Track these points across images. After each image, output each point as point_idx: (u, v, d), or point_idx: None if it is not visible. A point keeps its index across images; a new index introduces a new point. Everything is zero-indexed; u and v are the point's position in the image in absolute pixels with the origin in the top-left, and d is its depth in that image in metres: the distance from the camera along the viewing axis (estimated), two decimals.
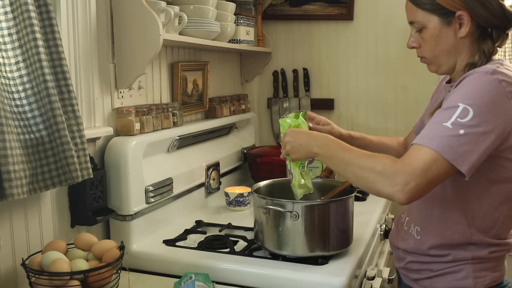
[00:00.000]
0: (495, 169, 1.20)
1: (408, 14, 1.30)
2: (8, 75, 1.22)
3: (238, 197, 2.00)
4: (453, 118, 1.10)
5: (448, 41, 1.24)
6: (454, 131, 1.09)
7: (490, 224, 1.23)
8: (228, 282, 1.44)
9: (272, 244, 1.49)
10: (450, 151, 1.09)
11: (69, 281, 1.20)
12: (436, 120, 1.14)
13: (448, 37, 1.24)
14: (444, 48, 1.26)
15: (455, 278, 1.26)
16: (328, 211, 1.47)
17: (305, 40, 2.67)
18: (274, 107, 2.73)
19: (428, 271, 1.30)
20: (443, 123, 1.11)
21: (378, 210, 2.01)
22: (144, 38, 1.57)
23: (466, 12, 1.20)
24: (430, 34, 1.26)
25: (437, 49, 1.26)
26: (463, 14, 1.20)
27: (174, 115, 1.84)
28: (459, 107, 1.11)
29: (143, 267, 1.54)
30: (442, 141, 1.09)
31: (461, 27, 1.22)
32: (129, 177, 1.57)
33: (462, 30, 1.22)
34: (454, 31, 1.23)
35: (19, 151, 1.16)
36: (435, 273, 1.29)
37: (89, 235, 1.37)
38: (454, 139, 1.09)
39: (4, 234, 1.27)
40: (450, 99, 1.15)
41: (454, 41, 1.24)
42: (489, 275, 1.24)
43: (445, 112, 1.13)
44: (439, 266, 1.28)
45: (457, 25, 1.22)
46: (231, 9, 2.11)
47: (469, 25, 1.21)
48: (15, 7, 1.21)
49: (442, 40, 1.25)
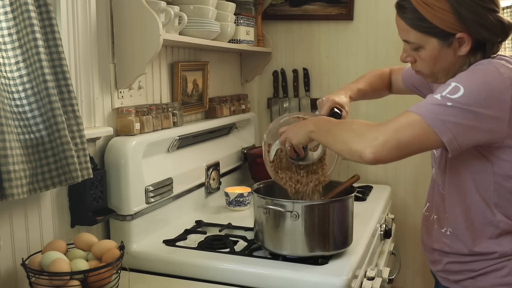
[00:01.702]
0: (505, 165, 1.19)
1: (400, 32, 1.26)
2: (8, 75, 1.22)
3: (238, 197, 2.00)
4: (444, 92, 1.12)
5: (448, 60, 1.23)
6: (442, 101, 1.11)
7: None
8: (228, 282, 1.44)
9: (272, 244, 1.49)
10: (433, 117, 1.10)
11: (69, 281, 1.20)
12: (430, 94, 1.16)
13: (447, 56, 1.22)
14: (443, 67, 1.24)
15: (498, 275, 1.25)
16: (328, 211, 1.47)
17: (305, 40, 2.67)
18: (274, 107, 2.73)
19: (469, 271, 1.29)
20: (434, 95, 1.13)
21: (378, 210, 2.01)
22: (144, 38, 1.57)
23: (467, 34, 1.18)
24: (428, 55, 1.23)
25: (436, 67, 1.25)
26: (463, 36, 1.18)
27: (174, 115, 1.84)
28: (451, 85, 1.13)
29: (143, 267, 1.54)
30: (427, 108, 1.11)
31: (461, 46, 1.20)
32: (129, 177, 1.57)
33: (463, 50, 1.20)
34: (454, 50, 1.21)
35: (19, 151, 1.16)
36: (477, 272, 1.28)
37: (89, 235, 1.37)
38: (440, 108, 1.10)
39: (4, 234, 1.27)
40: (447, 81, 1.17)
41: (453, 59, 1.22)
42: None
43: (439, 88, 1.15)
44: (480, 265, 1.27)
45: (456, 44, 1.20)
46: (231, 9, 2.11)
47: (469, 45, 1.19)
48: (15, 7, 1.21)
49: (441, 59, 1.23)
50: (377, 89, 1.68)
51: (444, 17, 1.17)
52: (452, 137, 1.10)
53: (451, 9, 1.16)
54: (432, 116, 1.10)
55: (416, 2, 1.19)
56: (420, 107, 1.13)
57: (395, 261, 1.95)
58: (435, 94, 1.13)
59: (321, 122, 1.32)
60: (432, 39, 1.20)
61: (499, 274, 1.25)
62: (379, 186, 2.41)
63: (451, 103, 1.10)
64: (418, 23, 1.19)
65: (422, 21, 1.19)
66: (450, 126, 1.10)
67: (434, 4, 1.17)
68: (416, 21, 1.20)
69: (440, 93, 1.12)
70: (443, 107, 1.10)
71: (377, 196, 2.21)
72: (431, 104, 1.12)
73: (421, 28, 1.20)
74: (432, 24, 1.18)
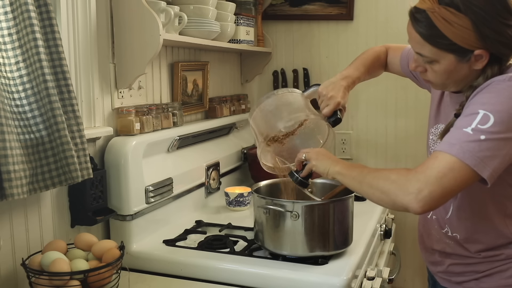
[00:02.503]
0: None
1: (413, 43, 1.20)
2: (8, 75, 1.22)
3: (238, 197, 2.00)
4: (474, 124, 1.08)
5: (462, 73, 1.18)
6: (474, 136, 1.07)
7: None
8: (228, 282, 1.44)
9: (272, 244, 1.49)
10: (471, 156, 1.06)
11: (69, 281, 1.20)
12: (457, 126, 1.11)
13: (462, 70, 1.18)
14: (456, 79, 1.21)
15: (503, 276, 1.25)
16: (328, 211, 1.47)
17: (305, 40, 2.67)
18: None
19: (474, 273, 1.29)
20: (463, 129, 1.09)
21: (378, 210, 2.01)
22: (144, 38, 1.57)
23: (485, 51, 1.13)
24: (443, 69, 1.18)
25: (449, 80, 1.21)
26: (482, 53, 1.14)
27: (174, 115, 1.84)
28: (479, 113, 1.08)
29: (143, 267, 1.54)
30: (462, 147, 1.07)
31: (478, 61, 1.15)
32: (129, 177, 1.57)
33: (479, 64, 1.16)
34: (470, 65, 1.16)
35: (19, 151, 1.16)
36: (481, 274, 1.27)
37: (89, 235, 1.37)
38: (475, 145, 1.06)
39: (4, 234, 1.27)
40: (470, 107, 1.12)
41: (467, 72, 1.18)
42: None
43: (465, 119, 1.10)
44: (485, 267, 1.27)
45: (473, 59, 1.15)
46: (231, 9, 2.11)
47: (486, 60, 1.15)
48: (15, 7, 1.21)
49: (456, 73, 1.19)
50: (373, 73, 1.63)
51: (465, 35, 1.11)
52: (492, 171, 1.08)
53: (472, 27, 1.10)
54: (469, 155, 1.06)
55: (434, 17, 1.12)
56: (454, 147, 1.08)
57: (395, 261, 1.95)
58: (465, 128, 1.08)
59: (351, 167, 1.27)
60: (449, 55, 1.15)
61: (504, 276, 1.25)
62: None
63: (484, 136, 1.06)
64: (436, 39, 1.14)
65: (440, 37, 1.13)
66: (488, 162, 1.07)
67: (455, 21, 1.11)
68: (434, 37, 1.14)
69: (470, 125, 1.08)
70: (478, 142, 1.07)
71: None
72: (465, 142, 1.07)
73: (438, 44, 1.15)
74: (451, 41, 1.13)
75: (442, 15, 1.11)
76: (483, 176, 1.07)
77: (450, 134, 1.12)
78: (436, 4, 1.12)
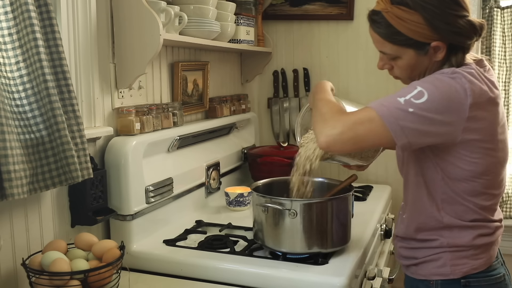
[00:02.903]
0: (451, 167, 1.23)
1: (375, 43, 1.30)
2: (8, 75, 1.22)
3: (238, 197, 2.00)
4: (408, 96, 1.16)
5: (424, 65, 1.27)
6: (404, 106, 1.15)
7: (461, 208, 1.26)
8: (228, 282, 1.44)
9: (271, 242, 1.50)
10: (393, 122, 1.15)
11: (69, 281, 1.20)
12: (395, 94, 1.19)
13: (423, 63, 1.26)
14: (420, 71, 1.29)
15: (435, 265, 1.30)
16: (326, 209, 1.47)
17: (305, 40, 2.67)
18: (274, 107, 2.73)
19: (413, 258, 1.35)
20: (398, 98, 1.17)
21: (378, 210, 2.01)
22: (144, 38, 1.57)
23: (442, 42, 1.21)
24: (405, 64, 1.27)
25: (413, 73, 1.29)
26: (438, 45, 1.21)
27: (174, 115, 1.84)
28: (416, 88, 1.16)
29: (143, 267, 1.54)
30: (390, 111, 1.15)
31: (437, 52, 1.23)
32: (129, 177, 1.57)
33: (438, 55, 1.24)
34: (430, 57, 1.25)
35: (19, 151, 1.16)
36: (419, 260, 1.33)
37: (89, 235, 1.37)
38: (402, 113, 1.15)
39: (4, 234, 1.27)
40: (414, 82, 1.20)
41: (429, 64, 1.26)
42: (468, 263, 1.27)
43: (404, 90, 1.19)
44: (422, 253, 1.32)
45: (432, 51, 1.23)
46: (231, 9, 2.11)
47: (444, 50, 1.23)
48: (15, 7, 1.21)
49: (418, 66, 1.27)
50: None
51: (419, 29, 1.20)
52: (407, 142, 1.16)
53: (424, 21, 1.19)
54: (392, 120, 1.15)
55: (389, 16, 1.22)
56: (382, 107, 1.16)
57: (395, 261, 1.95)
58: (399, 97, 1.16)
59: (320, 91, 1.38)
60: (408, 50, 1.24)
61: (436, 264, 1.30)
62: (379, 186, 2.41)
63: (412, 109, 1.14)
64: (393, 36, 1.23)
65: (397, 34, 1.22)
66: (407, 132, 1.15)
67: (407, 18, 1.20)
68: (391, 35, 1.23)
69: (404, 96, 1.16)
70: (405, 112, 1.14)
71: (377, 196, 2.21)
72: (394, 107, 1.15)
73: (396, 41, 1.24)
74: (407, 37, 1.22)
75: (395, 13, 1.21)
76: (397, 143, 1.16)
77: (386, 97, 1.19)
78: (389, 4, 1.22)
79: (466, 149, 1.20)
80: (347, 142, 1.18)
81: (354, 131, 1.16)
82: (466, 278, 1.27)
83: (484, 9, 2.49)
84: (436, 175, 1.26)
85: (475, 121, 1.17)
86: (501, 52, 2.53)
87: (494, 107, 1.22)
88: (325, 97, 1.33)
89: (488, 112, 1.20)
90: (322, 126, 1.20)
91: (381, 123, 1.15)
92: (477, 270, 1.27)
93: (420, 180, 1.30)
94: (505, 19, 2.51)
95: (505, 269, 1.34)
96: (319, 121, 1.23)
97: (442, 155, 1.23)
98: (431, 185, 1.28)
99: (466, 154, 1.21)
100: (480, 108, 1.17)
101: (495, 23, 2.48)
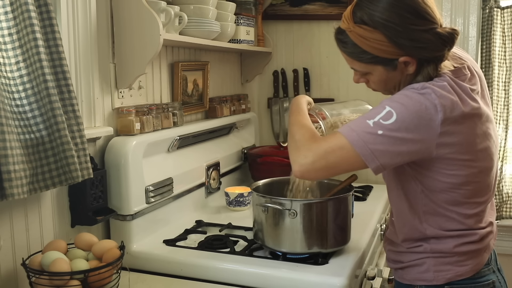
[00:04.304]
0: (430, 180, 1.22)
1: (347, 61, 1.28)
2: (8, 75, 1.22)
3: (238, 197, 2.00)
4: (377, 118, 1.14)
5: (396, 79, 1.25)
6: (373, 129, 1.14)
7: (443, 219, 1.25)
8: (228, 282, 1.44)
9: (271, 242, 1.50)
10: (363, 146, 1.14)
11: (69, 281, 1.20)
12: (364, 116, 1.18)
13: (395, 77, 1.24)
14: (393, 85, 1.27)
15: (419, 270, 1.29)
16: (326, 209, 1.47)
17: (305, 40, 2.67)
18: (274, 107, 2.73)
19: (400, 262, 1.35)
20: (367, 120, 1.15)
21: (378, 210, 2.01)
22: (144, 38, 1.57)
23: (408, 57, 1.18)
24: (377, 80, 1.26)
25: (388, 86, 1.28)
26: (406, 60, 1.19)
27: (174, 115, 1.84)
28: (385, 108, 1.15)
29: (143, 267, 1.54)
30: (359, 135, 1.14)
31: (407, 66, 1.21)
32: (129, 177, 1.57)
33: (409, 69, 1.21)
34: (401, 71, 1.22)
35: (19, 151, 1.16)
36: (405, 264, 1.33)
37: (89, 235, 1.37)
38: (371, 137, 1.14)
39: (4, 234, 1.27)
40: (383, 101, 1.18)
41: (402, 77, 1.24)
42: (452, 269, 1.26)
43: (372, 111, 1.17)
44: (408, 257, 1.32)
45: (402, 65, 1.21)
46: (231, 9, 2.11)
47: (414, 64, 1.20)
48: (15, 7, 1.21)
49: (390, 80, 1.25)
50: None
51: (383, 47, 1.18)
52: (379, 164, 1.15)
53: (387, 39, 1.16)
54: (361, 144, 1.14)
55: (353, 35, 1.20)
56: (352, 133, 1.15)
57: None
58: (368, 119, 1.15)
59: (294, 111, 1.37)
60: (377, 67, 1.23)
61: (420, 269, 1.29)
62: (379, 186, 2.41)
63: (381, 131, 1.13)
64: (360, 55, 1.22)
65: (362, 53, 1.21)
66: (378, 154, 1.14)
67: (370, 36, 1.17)
68: (358, 54, 1.22)
69: (373, 118, 1.14)
70: (374, 136, 1.13)
71: (377, 196, 2.21)
72: (363, 131, 1.14)
73: (363, 60, 1.22)
74: (372, 55, 1.20)
75: (358, 32, 1.19)
76: (369, 166, 1.15)
77: (356, 120, 1.19)
78: (351, 24, 1.20)
79: (442, 163, 1.18)
80: (320, 171, 1.18)
81: (325, 159, 1.17)
82: (450, 284, 1.26)
83: (484, 9, 2.49)
84: (416, 187, 1.25)
85: (448, 135, 1.15)
86: (501, 52, 2.53)
87: (470, 120, 1.18)
88: (299, 120, 1.31)
89: (463, 125, 1.16)
90: (295, 155, 1.21)
91: (351, 149, 1.14)
92: (462, 276, 1.26)
93: (401, 193, 1.29)
94: (505, 19, 2.51)
95: (498, 277, 1.31)
96: (292, 149, 1.23)
97: (419, 170, 1.22)
98: (411, 197, 1.27)
99: (443, 167, 1.19)
100: (453, 122, 1.14)
101: (495, 23, 2.48)
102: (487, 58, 2.50)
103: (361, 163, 1.15)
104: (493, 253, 1.34)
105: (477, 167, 1.22)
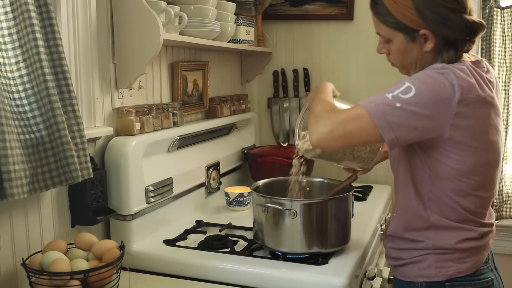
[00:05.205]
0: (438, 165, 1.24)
1: (375, 25, 1.33)
2: (8, 75, 1.22)
3: (238, 197, 2.00)
4: (396, 92, 1.17)
5: (414, 54, 1.28)
6: (392, 102, 1.16)
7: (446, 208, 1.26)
8: (228, 282, 1.44)
9: (271, 242, 1.50)
10: (380, 117, 1.16)
11: (69, 281, 1.20)
12: (384, 90, 1.20)
13: (413, 51, 1.28)
14: (410, 61, 1.30)
15: (420, 267, 1.30)
16: (326, 209, 1.48)
17: (305, 40, 2.67)
18: (274, 107, 2.73)
19: (400, 259, 1.35)
20: (386, 94, 1.18)
21: (378, 210, 2.01)
22: (144, 38, 1.57)
23: (430, 31, 1.22)
24: (396, 48, 1.30)
25: (404, 60, 1.31)
26: (426, 33, 1.23)
27: (174, 115, 1.84)
28: (405, 84, 1.18)
29: (143, 267, 1.54)
30: (378, 106, 1.17)
31: (426, 42, 1.24)
32: (129, 177, 1.57)
33: (428, 45, 1.25)
34: (420, 45, 1.26)
35: (19, 151, 1.16)
36: (405, 261, 1.33)
37: (89, 235, 1.37)
38: (389, 109, 1.16)
39: (4, 234, 1.27)
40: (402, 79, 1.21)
41: (419, 54, 1.28)
42: (453, 266, 1.27)
43: (393, 86, 1.20)
44: (408, 254, 1.32)
45: (422, 40, 1.25)
46: (231, 9, 2.11)
47: (433, 41, 1.24)
48: (15, 7, 1.21)
49: (408, 53, 1.29)
50: None
51: (408, 14, 1.22)
52: (394, 137, 1.17)
53: (414, 6, 1.21)
54: (379, 115, 1.16)
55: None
56: (371, 104, 1.18)
57: None
58: (388, 93, 1.18)
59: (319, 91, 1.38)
60: (399, 34, 1.26)
61: (421, 266, 1.30)
62: (379, 186, 2.41)
63: (400, 104, 1.15)
64: (386, 18, 1.26)
65: (389, 16, 1.25)
66: (394, 127, 1.16)
67: (400, 1, 1.22)
68: (385, 17, 1.26)
69: (392, 92, 1.18)
70: (392, 108, 1.16)
71: (377, 196, 2.21)
72: (382, 103, 1.17)
73: (388, 23, 1.27)
74: (397, 20, 1.24)
75: None
76: (385, 138, 1.17)
77: (376, 94, 1.21)
78: None
79: (454, 146, 1.20)
80: (337, 139, 1.19)
81: (343, 128, 1.18)
82: (451, 281, 1.27)
83: (484, 9, 2.49)
84: (423, 172, 1.27)
85: (463, 117, 1.17)
86: (501, 52, 2.53)
87: (485, 106, 1.21)
88: (321, 97, 1.34)
89: (478, 109, 1.19)
90: (314, 125, 1.22)
91: (370, 120, 1.16)
92: (463, 273, 1.27)
93: (408, 178, 1.31)
94: (505, 19, 2.51)
95: (495, 275, 1.33)
96: (312, 120, 1.25)
97: (429, 152, 1.24)
98: (418, 182, 1.29)
99: (453, 151, 1.21)
100: (468, 104, 1.17)
101: (495, 23, 2.48)
102: (487, 58, 2.50)
103: (377, 135, 1.17)
104: (490, 252, 1.35)
105: (486, 158, 1.24)
